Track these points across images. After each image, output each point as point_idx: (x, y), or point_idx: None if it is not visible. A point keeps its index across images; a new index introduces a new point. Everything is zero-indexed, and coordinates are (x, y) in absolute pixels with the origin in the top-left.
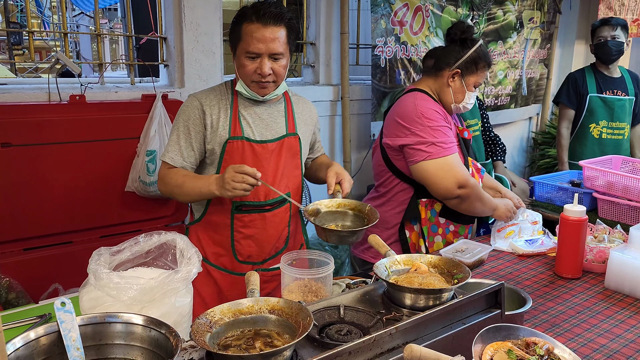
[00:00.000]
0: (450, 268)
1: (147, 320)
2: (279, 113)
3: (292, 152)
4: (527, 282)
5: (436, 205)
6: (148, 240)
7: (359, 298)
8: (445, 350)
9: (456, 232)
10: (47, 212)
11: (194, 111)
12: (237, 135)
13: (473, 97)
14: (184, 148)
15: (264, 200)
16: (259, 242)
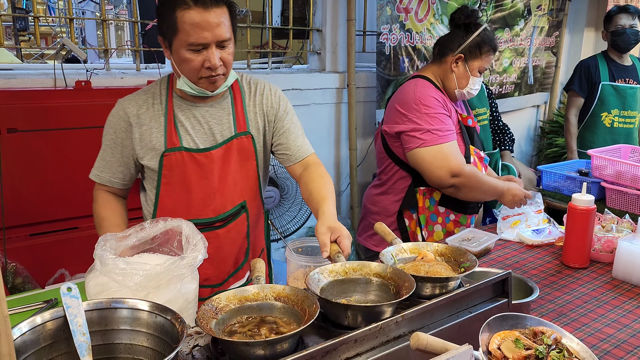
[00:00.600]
0: (457, 256)
1: (153, 306)
2: (224, 111)
3: (245, 155)
4: (534, 272)
5: (435, 193)
6: (154, 227)
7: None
8: (452, 339)
9: (457, 221)
10: (53, 197)
11: (120, 123)
12: (175, 146)
13: (478, 82)
14: (111, 164)
15: (214, 216)
16: (215, 263)
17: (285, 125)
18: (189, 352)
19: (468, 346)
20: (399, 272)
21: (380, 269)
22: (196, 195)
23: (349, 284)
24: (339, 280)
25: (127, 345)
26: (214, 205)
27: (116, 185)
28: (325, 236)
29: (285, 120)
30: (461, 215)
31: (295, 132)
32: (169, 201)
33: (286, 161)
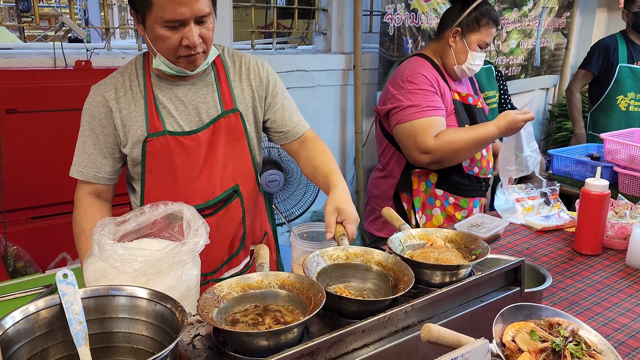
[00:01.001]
0: (468, 243)
1: (152, 294)
2: (208, 89)
3: (235, 135)
4: (545, 259)
5: (431, 175)
6: (154, 211)
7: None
8: (462, 329)
9: (457, 204)
10: (55, 180)
11: (98, 108)
12: (157, 130)
13: (479, 58)
14: (94, 157)
15: (202, 203)
16: (206, 253)
17: (278, 101)
18: (189, 341)
19: (484, 340)
20: (401, 264)
21: (382, 258)
22: (182, 182)
23: (349, 269)
24: (339, 264)
25: (126, 334)
26: (202, 192)
27: (102, 181)
28: (332, 217)
29: (278, 96)
30: (461, 198)
31: (290, 108)
32: (155, 190)
33: (282, 139)
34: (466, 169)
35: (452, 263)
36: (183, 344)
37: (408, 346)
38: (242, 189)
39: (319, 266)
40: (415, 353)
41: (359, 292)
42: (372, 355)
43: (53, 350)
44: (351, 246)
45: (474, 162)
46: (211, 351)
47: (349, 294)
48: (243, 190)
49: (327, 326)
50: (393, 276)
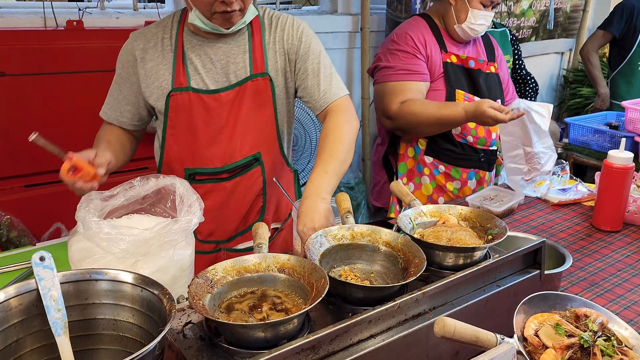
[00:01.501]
0: (483, 222)
1: (138, 279)
2: (239, 49)
3: (261, 100)
4: (562, 235)
5: (420, 141)
6: (144, 185)
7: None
8: (477, 317)
9: (448, 174)
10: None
11: (127, 56)
12: (182, 86)
13: (481, 17)
14: (118, 101)
15: (221, 166)
16: (219, 218)
17: (308, 66)
18: (180, 330)
19: (510, 345)
20: (411, 245)
21: (391, 238)
22: (202, 142)
23: (355, 250)
24: (344, 245)
25: (111, 321)
26: (221, 154)
27: (124, 125)
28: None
29: (309, 61)
30: (452, 167)
31: (320, 75)
32: (175, 147)
33: (312, 109)
34: (457, 137)
35: (466, 244)
36: (173, 333)
37: (418, 336)
38: (264, 159)
39: (322, 247)
40: (426, 343)
41: (365, 275)
42: (380, 347)
43: (30, 340)
44: (357, 225)
45: (467, 130)
46: (203, 342)
47: (355, 278)
48: (265, 161)
49: (330, 313)
50: (403, 258)
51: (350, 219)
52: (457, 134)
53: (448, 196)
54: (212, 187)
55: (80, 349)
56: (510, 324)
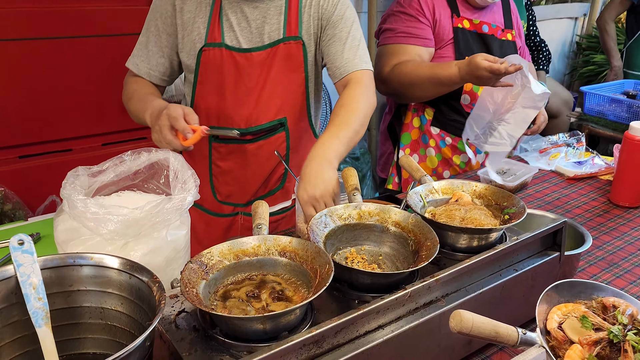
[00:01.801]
0: (499, 200)
1: (125, 264)
2: (275, 10)
3: (292, 64)
4: (578, 211)
5: (427, 111)
6: (136, 159)
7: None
8: (492, 304)
9: (455, 147)
10: (43, 116)
11: (165, 6)
12: (215, 41)
13: None
14: (152, 53)
15: (245, 127)
16: (239, 180)
17: (337, 32)
18: (172, 320)
19: (539, 349)
20: (422, 226)
21: (401, 218)
22: (230, 101)
23: (362, 231)
24: (350, 225)
25: (98, 309)
26: (246, 116)
27: (154, 79)
28: (308, 208)
29: (338, 27)
30: (459, 140)
31: (347, 43)
32: (202, 104)
33: (332, 77)
34: (466, 108)
35: (481, 224)
36: (165, 323)
37: (430, 326)
38: (290, 125)
39: (327, 227)
40: (438, 333)
41: (373, 258)
42: (388, 339)
43: (9, 331)
44: (365, 203)
45: (476, 100)
46: (197, 333)
47: (362, 261)
48: (291, 127)
49: (335, 300)
50: (413, 239)
51: (358, 197)
52: (466, 105)
53: (454, 170)
54: (235, 148)
55: (65, 338)
56: (526, 309)
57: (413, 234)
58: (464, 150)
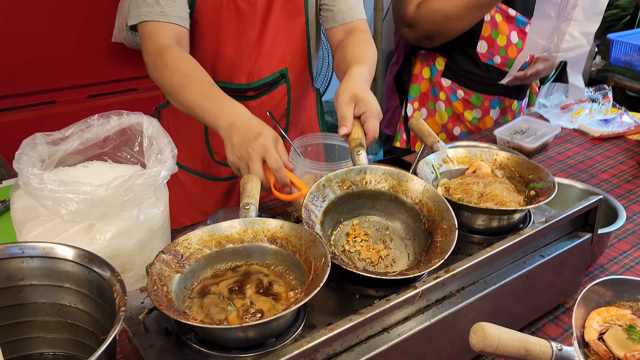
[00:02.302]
0: (524, 172)
1: (81, 256)
2: None
3: (293, 8)
4: (604, 176)
5: (438, 60)
6: (104, 124)
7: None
8: (514, 294)
9: (467, 101)
10: (24, 66)
11: None
12: None
13: None
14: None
15: (246, 82)
16: None
17: None
18: (141, 320)
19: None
20: (439, 201)
21: (414, 186)
22: (229, 54)
23: (367, 199)
24: (354, 193)
25: (55, 306)
26: (247, 70)
27: (185, 23)
28: (347, 108)
29: None
30: (473, 93)
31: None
32: (198, 56)
33: (328, 21)
34: (482, 57)
35: (503, 202)
36: (132, 323)
37: (442, 325)
38: (291, 75)
39: (326, 201)
40: (452, 331)
41: (379, 234)
42: (394, 345)
43: None
44: (371, 166)
45: (495, 49)
46: (168, 338)
47: (366, 238)
48: (292, 77)
49: (333, 295)
50: (427, 216)
51: (362, 156)
52: (483, 53)
53: (466, 126)
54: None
55: (19, 337)
56: (551, 297)
57: (427, 208)
58: (477, 104)
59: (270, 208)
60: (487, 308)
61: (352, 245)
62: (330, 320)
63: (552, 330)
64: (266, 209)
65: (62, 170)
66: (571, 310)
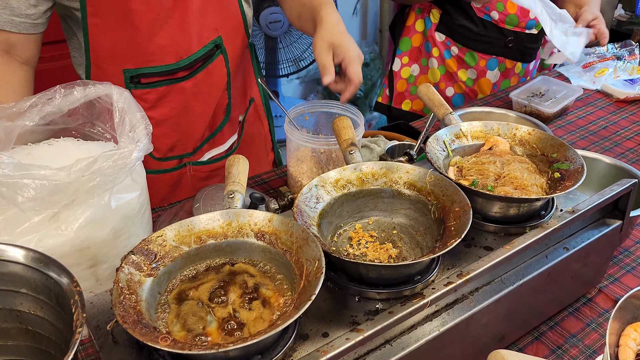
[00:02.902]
0: (547, 149)
1: (35, 259)
2: None
3: None
4: (629, 144)
5: (433, 12)
6: (68, 96)
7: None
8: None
9: (461, 59)
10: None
11: None
12: None
13: None
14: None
15: (175, 62)
16: (181, 128)
17: None
18: (109, 330)
19: None
20: (446, 185)
21: (416, 177)
22: (144, 31)
23: (367, 199)
24: (351, 194)
25: (13, 312)
26: (173, 46)
27: (23, 28)
28: (326, 56)
29: None
30: (467, 51)
31: None
32: (105, 42)
33: None
34: (478, 12)
35: (523, 185)
36: (99, 334)
37: (454, 333)
38: (226, 43)
39: (320, 203)
40: (464, 338)
41: (386, 234)
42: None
43: None
44: (366, 163)
45: (492, 4)
46: (139, 353)
47: (371, 240)
48: (228, 45)
49: (330, 296)
50: (435, 204)
51: (356, 155)
52: (479, 8)
53: (459, 87)
54: (167, 90)
55: None
56: (573, 289)
57: (434, 196)
58: (471, 64)
59: (265, 182)
60: (503, 309)
61: (357, 248)
62: (326, 330)
63: (572, 325)
64: (260, 183)
65: (24, 149)
66: (593, 301)
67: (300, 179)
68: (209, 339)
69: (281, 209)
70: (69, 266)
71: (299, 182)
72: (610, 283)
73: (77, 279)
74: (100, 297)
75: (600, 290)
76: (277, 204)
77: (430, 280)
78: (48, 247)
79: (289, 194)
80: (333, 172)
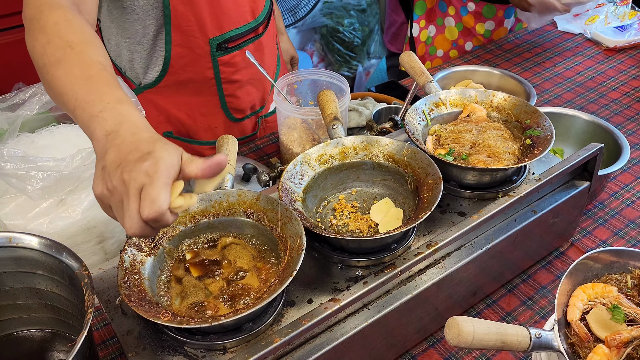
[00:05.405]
0: (521, 116)
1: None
2: None
3: None
4: (614, 94)
5: None
6: None
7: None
8: (503, 253)
9: (479, 13)
10: None
11: None
12: None
13: None
14: None
15: (253, 19)
16: (259, 82)
17: None
18: (117, 303)
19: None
20: (421, 158)
21: (394, 149)
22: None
23: (350, 171)
24: (334, 167)
25: (33, 290)
26: (250, 3)
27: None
28: None
29: None
30: (485, 4)
31: None
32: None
33: None
34: None
35: (497, 153)
36: (110, 307)
37: (425, 295)
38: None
39: (305, 179)
40: (436, 298)
41: (367, 204)
42: (376, 320)
43: None
44: (347, 137)
45: None
46: (147, 322)
47: (354, 210)
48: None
49: (314, 264)
50: (412, 176)
51: (339, 129)
52: None
53: (478, 40)
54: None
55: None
56: (541, 249)
57: (410, 168)
58: (489, 16)
59: (259, 148)
60: (474, 270)
61: (340, 219)
62: (310, 296)
63: (543, 277)
64: (255, 150)
65: (28, 137)
66: (565, 254)
67: (291, 147)
68: (208, 313)
69: (272, 180)
70: (79, 243)
71: (290, 150)
72: (583, 236)
73: (88, 254)
74: (108, 272)
75: (573, 244)
76: (268, 176)
77: (407, 246)
78: (59, 229)
79: (279, 165)
80: (316, 148)
